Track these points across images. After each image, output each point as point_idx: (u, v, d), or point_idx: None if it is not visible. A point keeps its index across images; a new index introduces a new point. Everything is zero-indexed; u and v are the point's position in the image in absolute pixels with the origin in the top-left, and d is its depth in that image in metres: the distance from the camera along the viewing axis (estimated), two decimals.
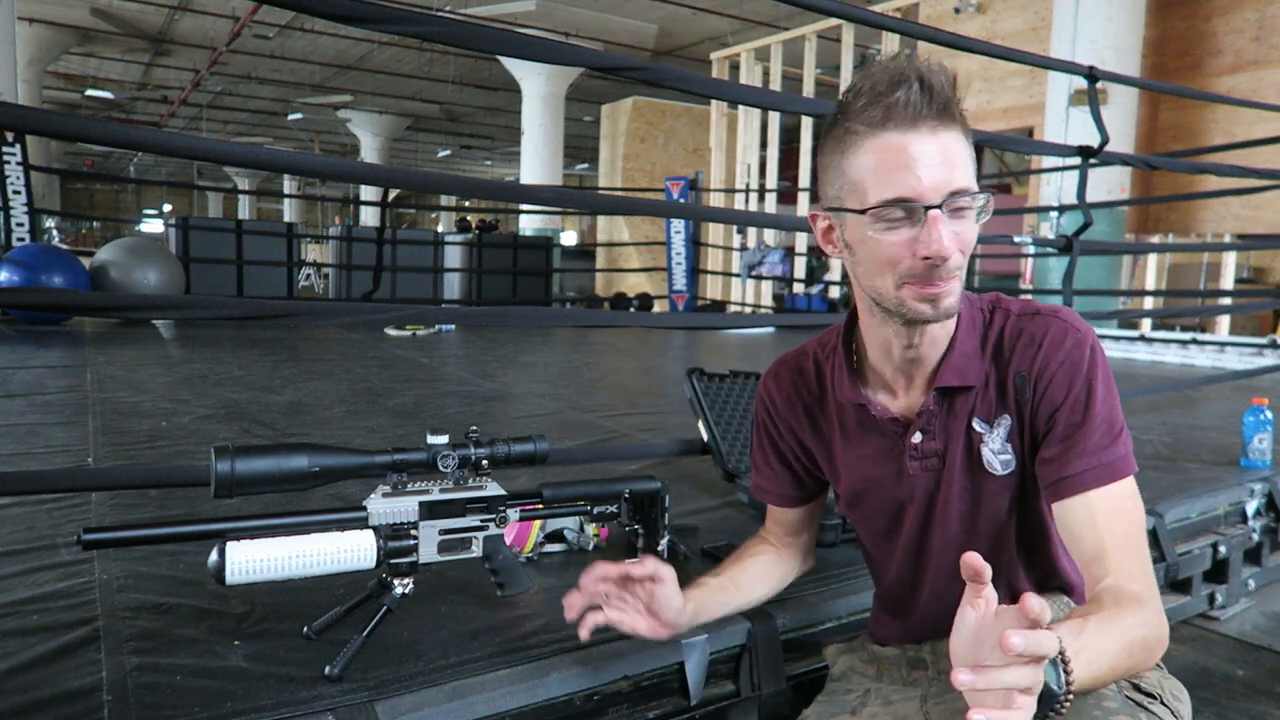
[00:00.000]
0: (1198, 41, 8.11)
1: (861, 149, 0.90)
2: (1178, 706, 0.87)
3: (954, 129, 0.89)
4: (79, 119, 1.66)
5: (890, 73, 0.89)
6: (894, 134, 0.88)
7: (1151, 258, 7.53)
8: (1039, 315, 0.99)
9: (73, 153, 25.34)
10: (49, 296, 3.06)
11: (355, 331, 6.19)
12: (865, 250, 0.93)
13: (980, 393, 1.01)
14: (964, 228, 0.90)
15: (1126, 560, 0.89)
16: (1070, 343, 0.96)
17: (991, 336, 1.01)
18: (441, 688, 1.11)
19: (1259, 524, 2.39)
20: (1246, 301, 6.86)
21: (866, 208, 0.90)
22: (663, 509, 1.42)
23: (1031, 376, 0.97)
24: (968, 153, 0.91)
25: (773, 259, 8.68)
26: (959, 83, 0.91)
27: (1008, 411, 1.00)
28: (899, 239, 0.89)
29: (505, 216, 20.07)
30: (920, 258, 0.89)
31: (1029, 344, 0.98)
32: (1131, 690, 0.84)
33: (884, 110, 0.88)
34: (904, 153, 0.87)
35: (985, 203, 0.91)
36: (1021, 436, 1.00)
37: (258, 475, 1.07)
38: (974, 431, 1.01)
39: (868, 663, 1.18)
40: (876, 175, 0.89)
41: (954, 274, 0.91)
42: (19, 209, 6.60)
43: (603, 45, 13.22)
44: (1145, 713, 0.82)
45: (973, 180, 0.90)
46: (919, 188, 0.87)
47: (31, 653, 1.18)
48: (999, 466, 1.01)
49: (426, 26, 1.67)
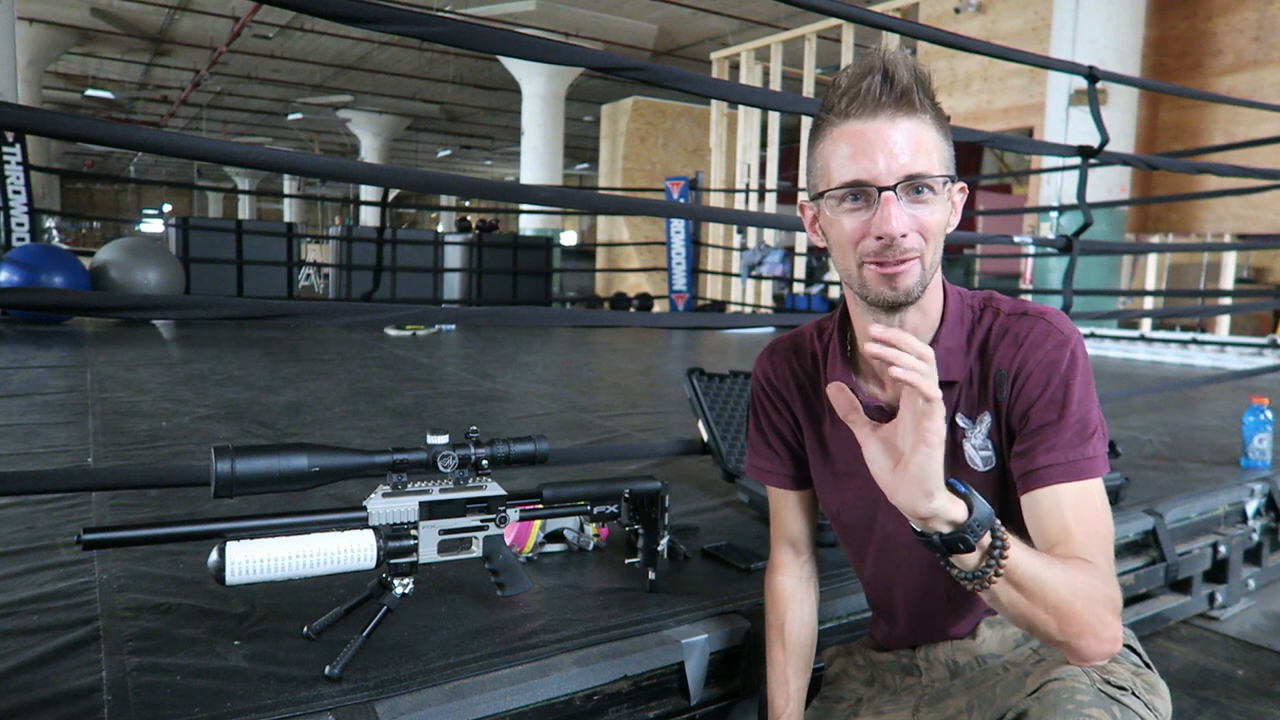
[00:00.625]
0: (1198, 41, 8.11)
1: (829, 137, 0.96)
2: (1151, 700, 0.87)
3: (916, 117, 0.93)
4: (79, 119, 1.66)
5: (860, 65, 0.94)
6: (855, 122, 0.93)
7: (1151, 258, 7.53)
8: (1026, 316, 1.01)
9: (73, 153, 25.34)
10: (49, 296, 3.06)
11: (355, 331, 6.19)
12: (833, 232, 0.98)
13: (964, 388, 1.03)
14: (923, 211, 0.94)
15: (1090, 545, 0.91)
16: (1051, 343, 0.98)
17: (979, 334, 1.03)
18: (441, 688, 1.11)
19: (1259, 524, 2.39)
20: (1246, 301, 6.86)
21: (829, 189, 0.96)
22: (663, 509, 1.42)
23: (1010, 374, 1.00)
24: (934, 140, 0.95)
25: (773, 259, 8.68)
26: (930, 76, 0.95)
27: (988, 408, 1.02)
28: (857, 221, 0.95)
29: (505, 216, 20.08)
30: (874, 237, 0.94)
31: (1012, 343, 1.00)
32: (1104, 684, 0.85)
33: (849, 99, 0.94)
34: (862, 138, 0.93)
35: (947, 189, 0.95)
36: (1000, 434, 1.01)
37: (258, 475, 1.07)
38: (957, 426, 1.03)
39: (861, 667, 1.18)
40: (838, 160, 0.95)
41: (910, 254, 0.94)
42: (19, 209, 6.61)
43: (603, 45, 13.22)
44: (1118, 705, 0.83)
45: (936, 167, 0.94)
46: (873, 170, 0.92)
47: (31, 653, 1.18)
48: (980, 463, 1.02)
49: (426, 26, 1.67)
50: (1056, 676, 0.85)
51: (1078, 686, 0.83)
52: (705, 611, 1.40)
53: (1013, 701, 0.87)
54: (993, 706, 0.91)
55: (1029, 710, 0.84)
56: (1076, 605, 0.84)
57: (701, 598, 1.46)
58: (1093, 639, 0.85)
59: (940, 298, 1.03)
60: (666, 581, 1.48)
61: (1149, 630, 2.11)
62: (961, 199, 1.00)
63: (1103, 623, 0.85)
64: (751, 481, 1.99)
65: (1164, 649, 2.07)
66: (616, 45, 13.58)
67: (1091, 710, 0.81)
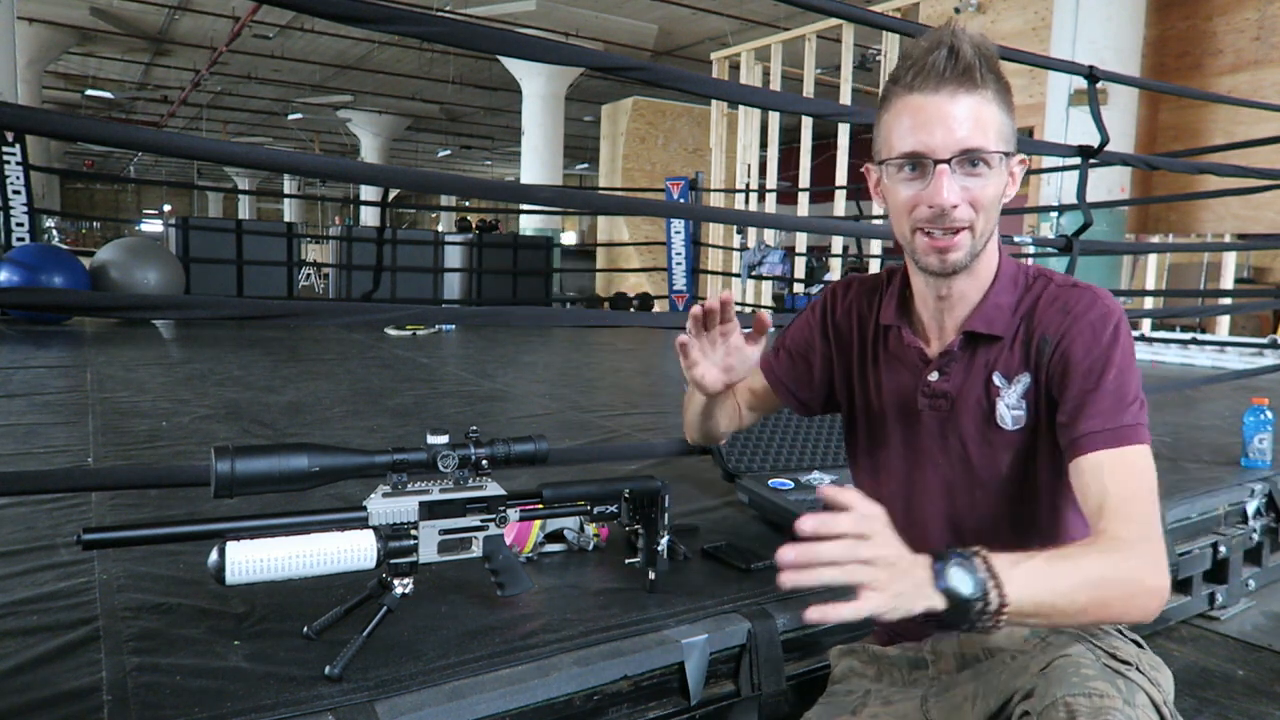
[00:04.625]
0: (1198, 41, 8.11)
1: (893, 108, 1.01)
2: (1155, 675, 0.89)
3: (978, 94, 0.97)
4: (79, 119, 1.66)
5: (929, 39, 0.98)
6: (918, 95, 0.98)
7: (1151, 258, 7.52)
8: (1076, 287, 1.05)
9: (73, 153, 25.32)
10: (49, 296, 3.06)
11: (355, 331, 6.19)
12: (891, 198, 1.04)
13: (1006, 348, 1.06)
14: (976, 184, 0.98)
15: (1126, 509, 0.91)
16: (1096, 313, 1.01)
17: (1028, 299, 1.07)
18: (441, 688, 1.11)
19: (1259, 524, 2.39)
20: (1246, 301, 6.85)
21: (889, 158, 1.01)
22: (663, 509, 1.42)
23: (1054, 340, 1.03)
24: (993, 115, 0.98)
25: (773, 259, 8.67)
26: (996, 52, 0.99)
27: (1028, 369, 1.05)
28: (913, 190, 1.00)
29: (505, 216, 20.08)
30: (926, 206, 0.99)
31: (1060, 310, 1.03)
32: (1109, 659, 0.86)
33: (914, 72, 0.98)
34: (922, 111, 0.97)
35: (1003, 163, 0.99)
36: (1038, 396, 1.04)
37: (258, 475, 1.07)
38: (992, 384, 1.06)
39: (867, 663, 1.18)
40: (900, 131, 0.99)
41: (960, 225, 0.99)
42: (19, 209, 6.60)
43: (603, 45, 13.21)
44: (1122, 679, 0.84)
45: (993, 142, 0.98)
46: (930, 143, 0.97)
47: (31, 653, 1.18)
48: (1010, 421, 1.05)
49: (426, 26, 1.67)
50: (1063, 654, 0.87)
51: (1083, 662, 0.85)
52: (705, 611, 1.40)
53: (1019, 684, 0.89)
54: (997, 691, 0.92)
55: (1036, 687, 0.85)
56: (1105, 592, 0.84)
57: (701, 598, 1.46)
58: (1138, 610, 0.86)
59: (994, 264, 1.08)
60: (666, 581, 1.48)
61: (1149, 630, 2.10)
62: (1021, 170, 1.04)
63: (1141, 595, 0.86)
64: (751, 481, 1.99)
65: (1164, 649, 2.07)
66: (616, 45, 13.57)
67: (1096, 683, 0.82)
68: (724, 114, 11.03)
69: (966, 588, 0.79)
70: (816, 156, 9.37)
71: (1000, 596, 0.79)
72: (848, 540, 0.75)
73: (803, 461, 2.19)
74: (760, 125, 10.08)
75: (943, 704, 1.01)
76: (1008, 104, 1.00)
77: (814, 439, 2.24)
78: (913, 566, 0.78)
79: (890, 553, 0.77)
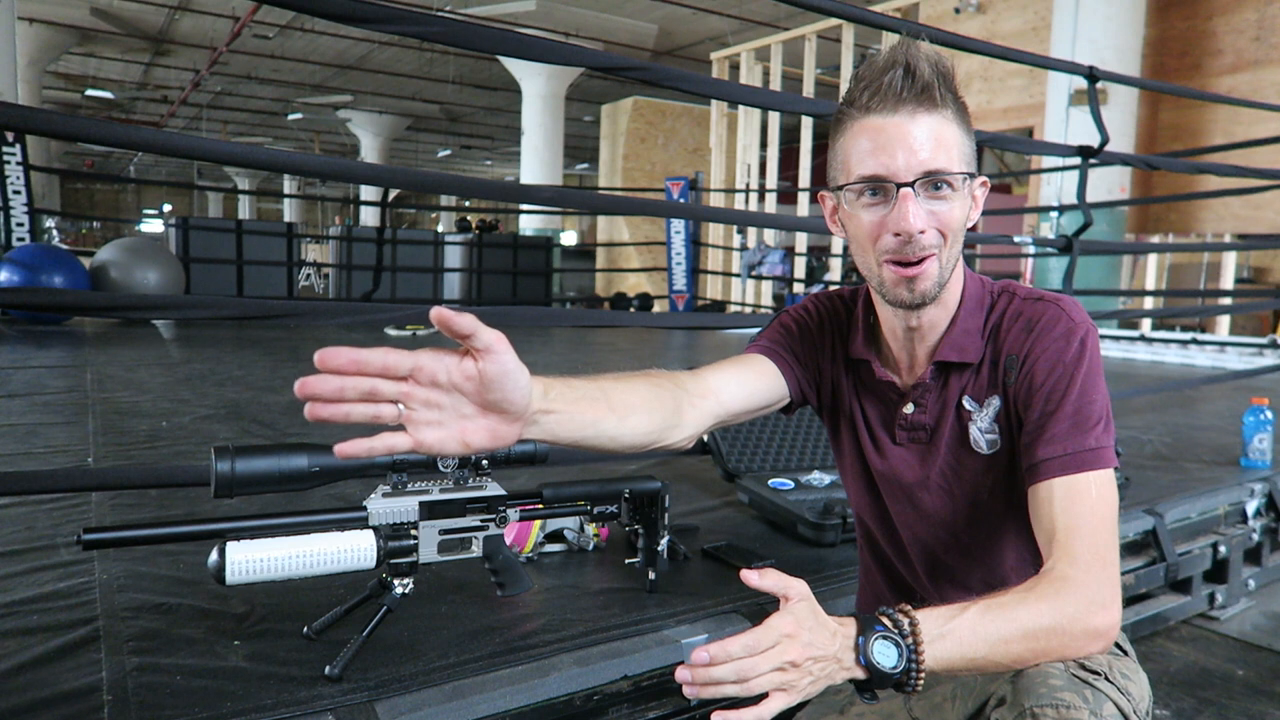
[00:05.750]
0: (1198, 41, 8.11)
1: (850, 130, 0.96)
2: (1125, 684, 0.87)
3: (938, 113, 0.93)
4: (79, 119, 1.66)
5: (884, 58, 0.94)
6: (876, 116, 0.93)
7: (1151, 258, 7.52)
8: (1041, 301, 1.01)
9: (73, 153, 25.32)
10: (49, 296, 3.06)
11: (355, 331, 6.19)
12: (852, 226, 0.98)
13: (975, 371, 1.03)
14: (942, 208, 0.94)
15: (1074, 544, 0.89)
16: (1060, 330, 0.98)
17: (993, 318, 1.03)
18: (441, 688, 1.11)
19: (1259, 524, 2.39)
20: (1246, 301, 6.85)
21: (848, 183, 0.96)
22: (663, 509, 1.42)
23: (1019, 358, 0.99)
24: (956, 136, 0.94)
25: (773, 259, 8.67)
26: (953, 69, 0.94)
27: (997, 392, 1.02)
28: (876, 216, 0.95)
29: (505, 216, 20.07)
30: (891, 234, 0.94)
31: (1024, 328, 1.00)
32: (1078, 669, 0.85)
33: (870, 93, 0.93)
34: (882, 133, 0.93)
35: (967, 185, 0.95)
36: (1009, 418, 1.01)
37: (258, 475, 1.07)
38: (964, 409, 1.03)
39: None
40: (858, 155, 0.95)
41: (928, 251, 0.94)
42: (19, 209, 6.61)
43: (603, 45, 13.21)
44: (1090, 689, 0.83)
45: (956, 163, 0.94)
46: (891, 166, 0.92)
47: (31, 653, 1.18)
48: (984, 445, 1.03)
49: (426, 26, 1.67)
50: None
51: (1051, 671, 0.84)
52: (705, 611, 1.40)
53: (992, 688, 0.89)
54: (974, 693, 0.93)
55: (1006, 695, 0.85)
56: (1043, 642, 0.84)
57: (701, 598, 1.46)
58: (1078, 653, 0.85)
59: (959, 288, 1.04)
60: (666, 581, 1.48)
61: (1149, 630, 2.11)
62: (983, 193, 1.00)
63: (1083, 639, 0.85)
64: (751, 481, 1.99)
65: (1164, 649, 2.07)
66: (616, 45, 13.57)
67: (1064, 694, 0.82)
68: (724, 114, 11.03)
69: (889, 661, 0.79)
70: (816, 156, 9.38)
71: (918, 663, 0.80)
72: (743, 662, 0.75)
73: (803, 461, 2.19)
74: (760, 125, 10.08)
75: (924, 703, 1.02)
76: (967, 124, 0.96)
77: (814, 439, 2.24)
78: (829, 645, 0.78)
79: (796, 653, 0.76)
